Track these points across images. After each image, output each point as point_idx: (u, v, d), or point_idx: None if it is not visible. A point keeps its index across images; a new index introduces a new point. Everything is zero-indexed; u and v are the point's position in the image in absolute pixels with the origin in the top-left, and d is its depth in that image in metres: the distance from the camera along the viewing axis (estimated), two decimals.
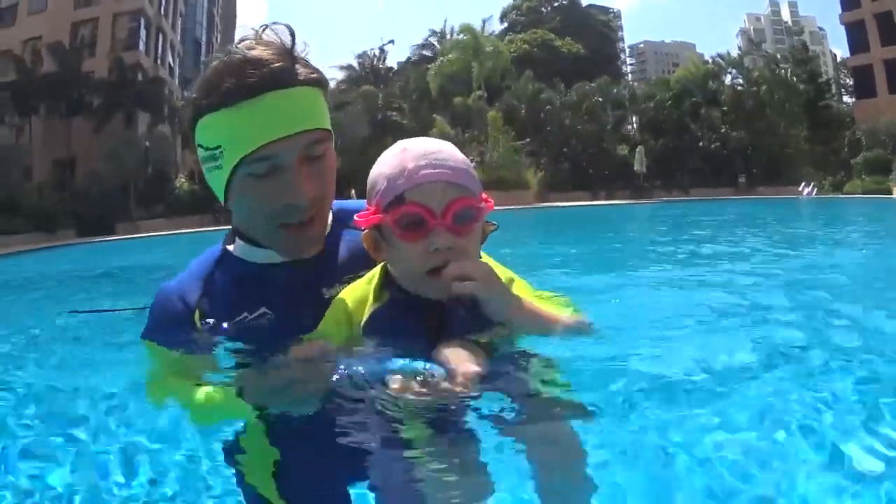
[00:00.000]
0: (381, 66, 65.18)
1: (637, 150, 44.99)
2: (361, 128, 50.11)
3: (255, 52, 1.65)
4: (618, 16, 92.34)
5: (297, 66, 1.70)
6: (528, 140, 47.20)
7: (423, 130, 50.17)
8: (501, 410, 1.55)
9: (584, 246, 9.89)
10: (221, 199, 1.78)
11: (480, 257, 1.71)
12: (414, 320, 1.63)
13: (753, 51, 58.45)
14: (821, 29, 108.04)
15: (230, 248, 1.91)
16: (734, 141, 49.17)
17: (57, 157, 46.12)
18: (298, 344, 1.67)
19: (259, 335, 1.77)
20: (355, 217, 1.69)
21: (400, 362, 1.37)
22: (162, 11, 57.60)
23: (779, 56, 56.52)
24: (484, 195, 1.67)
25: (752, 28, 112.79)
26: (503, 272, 1.81)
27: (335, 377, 1.45)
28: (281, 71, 1.64)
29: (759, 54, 56.27)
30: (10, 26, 50.93)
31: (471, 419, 1.53)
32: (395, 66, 66.72)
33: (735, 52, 59.31)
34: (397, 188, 1.58)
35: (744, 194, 40.97)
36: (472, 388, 1.31)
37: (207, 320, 1.82)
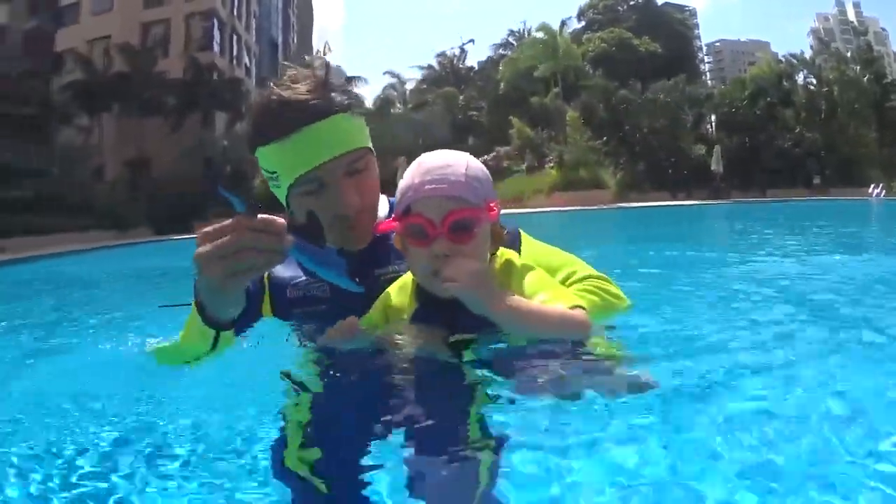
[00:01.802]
0: (461, 65, 64.97)
1: (714, 149, 44.43)
2: (442, 129, 50.87)
3: (288, 94, 1.93)
4: (693, 14, 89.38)
5: (333, 95, 1.97)
6: (605, 139, 46.91)
7: (501, 131, 51.17)
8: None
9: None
10: (286, 208, 2.10)
11: (487, 259, 1.84)
12: (438, 320, 1.83)
13: (824, 50, 57.54)
14: (883, 29, 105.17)
15: None
16: (808, 141, 48.52)
17: (129, 157, 46.20)
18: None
19: (314, 320, 2.05)
20: (377, 226, 1.96)
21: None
22: (235, 12, 57.77)
23: (848, 55, 55.65)
24: (492, 203, 1.81)
25: (821, 27, 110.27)
26: (531, 257, 2.04)
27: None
28: (315, 107, 1.91)
29: (828, 54, 55.41)
30: (74, 25, 51.35)
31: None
32: (476, 66, 66.14)
33: (808, 51, 58.42)
34: (406, 201, 1.79)
35: (818, 195, 40.45)
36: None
37: (275, 277, 2.14)
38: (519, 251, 2.07)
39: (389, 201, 2.20)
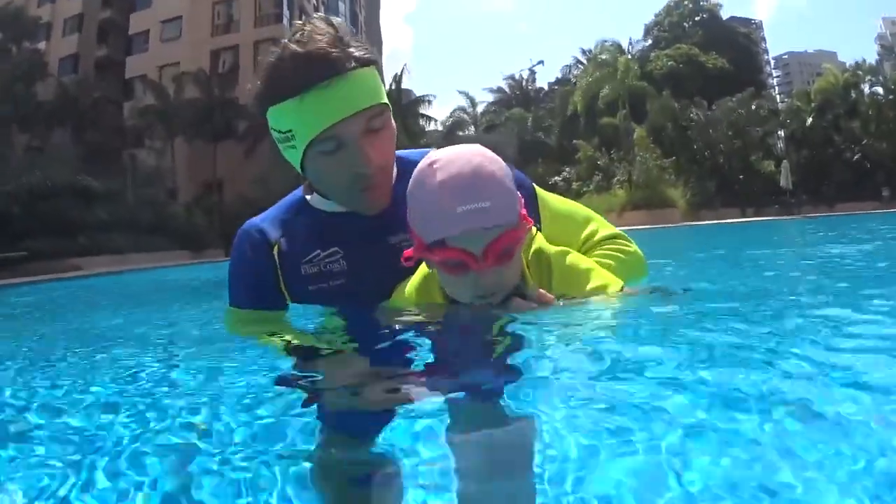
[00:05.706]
0: (530, 87, 65.08)
1: (782, 165, 44.02)
2: (510, 150, 50.57)
3: (308, 46, 1.81)
4: (759, 27, 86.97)
5: (350, 50, 1.84)
6: (674, 158, 47.01)
7: (570, 152, 51.96)
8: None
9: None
10: (299, 171, 1.99)
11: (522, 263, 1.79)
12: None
13: (890, 56, 56.19)
14: None
15: (308, 197, 2.13)
16: (876, 153, 47.69)
17: (203, 180, 47.67)
18: (381, 310, 1.94)
19: (330, 297, 2.03)
20: (403, 254, 1.78)
21: None
22: None
23: None
24: (524, 212, 1.71)
25: (888, 32, 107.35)
26: (552, 220, 2.10)
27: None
28: (336, 60, 1.80)
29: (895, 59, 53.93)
30: (142, 52, 54.12)
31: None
32: (546, 87, 65.95)
33: (874, 58, 57.30)
34: (438, 232, 1.63)
35: (888, 208, 38.89)
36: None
37: (284, 253, 2.06)
38: (538, 214, 2.08)
39: (401, 157, 2.11)
